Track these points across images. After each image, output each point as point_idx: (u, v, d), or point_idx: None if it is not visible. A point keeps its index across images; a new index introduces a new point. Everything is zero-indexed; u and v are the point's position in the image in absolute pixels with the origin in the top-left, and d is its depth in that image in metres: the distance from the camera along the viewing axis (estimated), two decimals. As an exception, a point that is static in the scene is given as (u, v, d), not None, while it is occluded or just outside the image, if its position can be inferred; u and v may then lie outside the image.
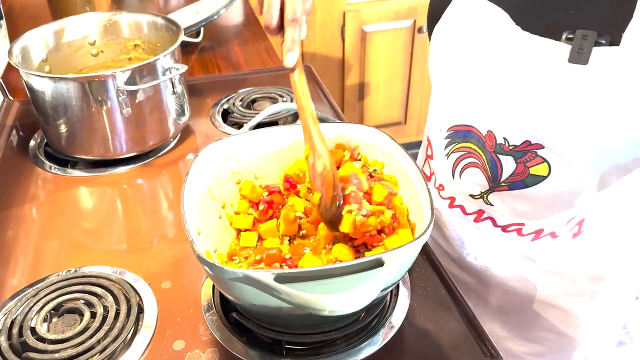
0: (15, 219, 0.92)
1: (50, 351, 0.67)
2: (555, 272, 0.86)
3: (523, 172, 0.76)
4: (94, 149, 1.01)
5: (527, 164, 0.75)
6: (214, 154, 0.76)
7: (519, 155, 0.75)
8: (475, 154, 0.79)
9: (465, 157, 0.81)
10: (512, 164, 0.76)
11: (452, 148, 0.83)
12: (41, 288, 0.75)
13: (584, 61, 0.66)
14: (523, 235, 0.82)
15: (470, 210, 0.85)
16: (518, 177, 0.76)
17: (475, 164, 0.80)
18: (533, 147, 0.73)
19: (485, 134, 0.77)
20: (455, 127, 0.81)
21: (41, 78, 0.94)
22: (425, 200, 0.66)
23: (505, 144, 0.75)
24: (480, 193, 0.82)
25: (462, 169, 0.82)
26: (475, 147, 0.79)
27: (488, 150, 0.77)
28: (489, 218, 0.84)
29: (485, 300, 0.94)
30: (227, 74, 1.37)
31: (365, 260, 0.57)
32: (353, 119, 2.51)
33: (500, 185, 0.79)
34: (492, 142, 0.76)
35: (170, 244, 0.86)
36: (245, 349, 0.68)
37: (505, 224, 0.83)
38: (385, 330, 0.70)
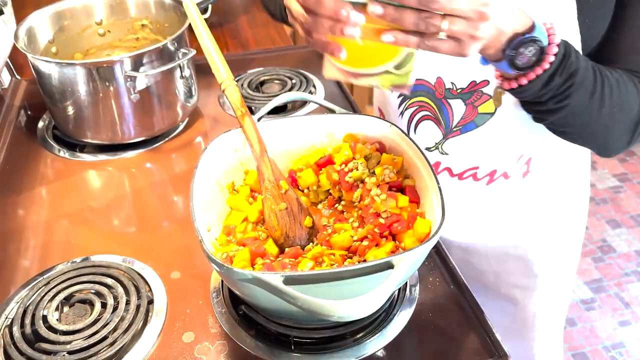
0: (25, 202, 0.92)
1: (61, 342, 0.68)
2: (509, 219, 0.91)
3: (472, 112, 0.79)
4: (102, 133, 1.00)
5: (474, 103, 0.79)
6: (223, 145, 0.75)
7: (466, 97, 0.79)
8: (427, 106, 0.83)
9: (418, 112, 0.85)
10: (461, 106, 0.80)
11: (405, 104, 0.86)
12: (52, 277, 0.76)
13: None
14: (478, 179, 0.86)
15: None
16: (468, 119, 0.80)
17: (427, 117, 0.84)
18: (479, 85, 0.77)
19: (435, 82, 0.80)
20: None
21: (48, 63, 0.93)
22: (436, 198, 0.66)
23: (453, 87, 0.79)
24: (435, 144, 0.85)
25: (417, 123, 0.86)
26: (425, 99, 0.83)
27: (438, 97, 0.81)
28: (446, 169, 0.87)
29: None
30: (236, 54, 1.35)
31: (375, 263, 0.56)
32: (362, 95, 2.48)
33: (453, 131, 0.83)
34: (441, 88, 0.80)
35: (180, 229, 0.87)
36: (254, 342, 0.69)
37: (460, 172, 0.86)
38: (393, 325, 0.70)
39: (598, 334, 1.85)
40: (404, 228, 0.67)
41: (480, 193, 0.87)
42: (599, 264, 2.08)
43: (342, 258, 0.67)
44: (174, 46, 0.98)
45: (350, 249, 0.68)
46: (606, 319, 1.89)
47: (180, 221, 0.89)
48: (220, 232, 0.73)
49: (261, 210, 0.73)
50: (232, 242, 0.71)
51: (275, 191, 0.72)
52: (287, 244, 0.71)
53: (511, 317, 1.01)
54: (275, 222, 0.71)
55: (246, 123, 0.74)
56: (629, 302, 1.95)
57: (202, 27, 0.77)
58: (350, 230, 0.70)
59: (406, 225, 0.68)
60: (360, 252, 0.67)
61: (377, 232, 0.68)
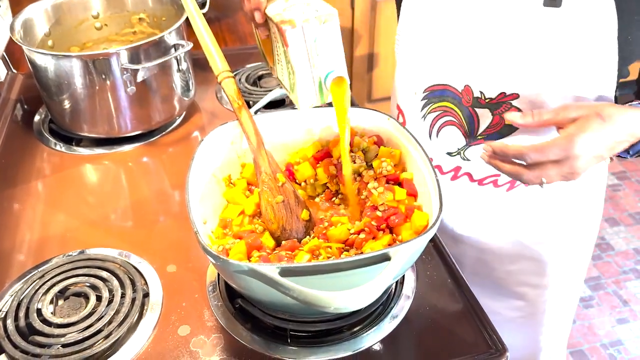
0: (21, 196, 0.92)
1: (56, 335, 0.67)
2: (526, 223, 0.90)
3: (499, 123, 0.79)
4: (98, 126, 1.00)
5: (502, 115, 0.78)
6: (220, 138, 0.75)
7: (494, 107, 0.78)
8: (451, 112, 0.82)
9: (441, 116, 0.84)
10: (488, 116, 0.79)
11: (428, 109, 0.85)
12: (47, 270, 0.75)
13: (557, 4, 0.68)
14: (499, 186, 0.85)
15: (447, 168, 0.88)
16: (494, 129, 0.80)
17: (451, 122, 0.83)
18: (508, 97, 0.76)
19: (462, 90, 0.79)
20: (431, 87, 0.84)
21: (44, 55, 0.92)
22: (434, 190, 0.65)
23: (482, 97, 0.78)
24: (457, 149, 0.85)
25: (440, 128, 0.85)
26: (451, 105, 0.82)
27: (465, 105, 0.80)
28: (466, 174, 0.86)
29: (460, 263, 0.97)
30: (234, 48, 1.35)
31: (372, 255, 0.56)
32: (361, 91, 2.47)
33: (477, 139, 0.82)
34: (469, 96, 0.79)
35: (176, 223, 0.86)
36: (250, 335, 0.68)
37: (481, 177, 0.86)
38: (390, 319, 0.70)
39: (596, 331, 1.84)
40: (402, 221, 0.67)
41: (500, 198, 0.87)
42: (597, 261, 2.08)
43: (339, 251, 0.67)
44: (171, 39, 0.97)
45: (347, 241, 0.68)
46: (604, 317, 1.89)
47: (176, 215, 0.88)
48: (217, 225, 0.72)
49: (258, 203, 0.73)
50: (228, 235, 0.70)
51: (272, 184, 0.71)
52: (284, 236, 0.70)
53: (520, 313, 1.01)
54: (272, 215, 0.70)
55: (243, 115, 0.73)
56: (627, 299, 1.95)
57: (199, 18, 0.76)
58: (347, 223, 0.69)
59: (403, 218, 0.67)
60: (357, 245, 0.66)
61: (374, 225, 0.68)
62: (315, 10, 0.62)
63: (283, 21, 0.61)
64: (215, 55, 0.75)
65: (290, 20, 0.61)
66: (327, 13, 0.62)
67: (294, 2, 0.64)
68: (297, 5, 0.63)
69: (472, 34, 0.76)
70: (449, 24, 0.78)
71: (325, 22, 0.62)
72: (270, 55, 0.72)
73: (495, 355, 0.66)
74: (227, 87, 0.74)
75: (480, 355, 0.66)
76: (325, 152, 0.77)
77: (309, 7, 0.62)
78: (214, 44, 0.75)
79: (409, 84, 0.88)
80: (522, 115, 0.67)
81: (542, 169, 0.64)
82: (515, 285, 0.98)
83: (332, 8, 0.63)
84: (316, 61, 0.64)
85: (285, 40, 0.61)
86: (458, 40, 0.78)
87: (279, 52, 0.67)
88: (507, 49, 0.74)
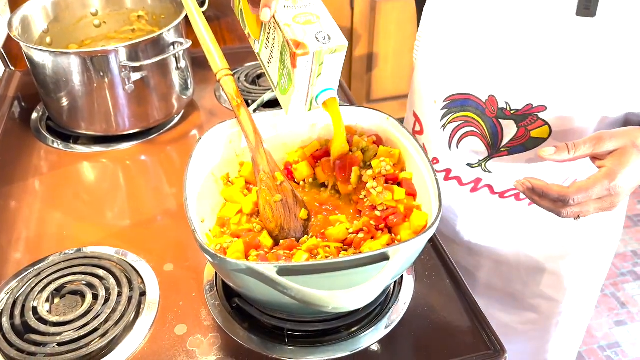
0: (18, 194, 0.91)
1: (51, 333, 0.66)
2: (547, 237, 0.88)
3: (524, 135, 0.76)
4: (96, 124, 0.99)
5: (528, 127, 0.75)
6: (218, 136, 0.74)
7: (520, 119, 0.75)
8: (474, 122, 0.79)
9: (462, 127, 0.81)
10: (513, 128, 0.76)
11: (448, 119, 0.82)
12: (43, 268, 0.75)
13: (591, 14, 0.65)
14: (520, 200, 0.83)
15: (467, 180, 0.85)
16: (518, 142, 0.77)
17: (473, 133, 0.80)
18: (535, 109, 0.74)
19: (486, 100, 0.77)
20: (452, 96, 0.81)
21: (42, 52, 0.92)
22: (433, 190, 0.65)
23: (507, 108, 0.75)
24: (479, 161, 0.82)
25: (460, 139, 0.82)
26: (473, 115, 0.79)
27: (488, 116, 0.77)
28: (487, 186, 0.84)
29: (474, 275, 0.97)
30: (233, 47, 1.34)
31: (370, 254, 0.55)
32: (360, 92, 2.47)
33: (500, 151, 0.79)
34: (493, 107, 0.76)
35: (174, 222, 0.86)
36: (247, 335, 0.68)
37: (502, 190, 0.83)
38: (388, 319, 0.69)
39: (594, 333, 1.84)
40: (400, 221, 0.67)
41: (521, 212, 0.85)
42: (595, 263, 2.07)
43: (337, 250, 0.66)
44: (170, 37, 0.97)
45: (345, 241, 0.67)
46: (602, 319, 1.89)
47: (174, 214, 0.88)
48: (214, 223, 0.72)
49: (256, 202, 0.72)
50: (226, 234, 0.70)
51: (270, 183, 0.71)
52: (282, 236, 0.70)
53: (533, 326, 1.00)
54: (270, 214, 0.70)
55: (242, 114, 0.73)
56: (625, 302, 1.95)
57: (198, 16, 0.76)
58: (345, 222, 0.69)
59: (402, 218, 0.67)
60: (355, 244, 0.66)
61: (372, 225, 0.67)
62: (328, 37, 0.62)
63: (296, 43, 0.61)
64: (215, 53, 0.74)
65: (304, 45, 0.61)
66: (339, 45, 0.62)
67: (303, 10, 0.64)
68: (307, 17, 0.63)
69: (499, 41, 0.73)
70: (475, 31, 0.75)
71: (335, 52, 0.62)
72: (254, 28, 0.71)
73: (494, 356, 0.66)
74: (226, 85, 0.73)
75: (478, 356, 0.66)
76: (324, 151, 0.77)
77: (322, 30, 0.62)
78: (213, 42, 0.75)
79: (428, 92, 0.84)
80: (558, 151, 0.64)
81: (582, 206, 0.62)
82: (531, 298, 0.96)
83: (344, 38, 0.63)
84: (315, 81, 0.65)
85: (294, 63, 0.62)
86: (484, 48, 0.75)
87: (273, 47, 0.66)
88: (537, 59, 0.71)
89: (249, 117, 0.73)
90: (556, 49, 0.69)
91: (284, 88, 0.66)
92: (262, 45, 0.69)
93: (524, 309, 0.97)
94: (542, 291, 0.94)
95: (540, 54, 0.71)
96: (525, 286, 0.94)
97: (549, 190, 0.63)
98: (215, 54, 0.74)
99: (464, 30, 0.76)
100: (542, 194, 0.63)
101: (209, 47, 0.75)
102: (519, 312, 0.98)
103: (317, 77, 0.64)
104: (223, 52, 0.76)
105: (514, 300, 0.97)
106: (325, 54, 0.62)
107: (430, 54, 0.83)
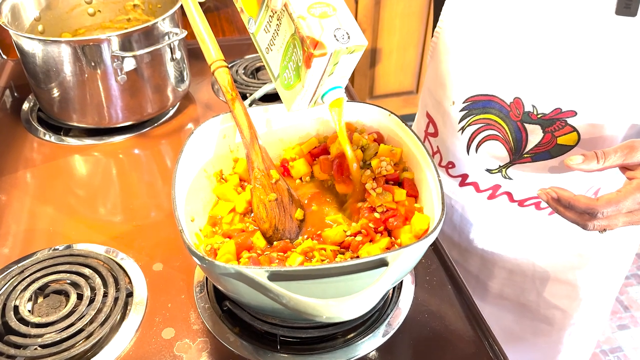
0: (6, 187, 0.88)
1: (33, 335, 0.63)
2: (566, 247, 0.84)
3: (550, 142, 0.72)
4: (87, 116, 0.96)
5: (555, 133, 0.71)
6: (211, 131, 0.71)
7: (547, 124, 0.70)
8: (496, 126, 0.74)
9: (483, 130, 0.76)
10: (539, 133, 0.72)
11: (468, 121, 0.77)
12: (27, 266, 0.72)
13: (632, 13, 0.61)
14: (541, 209, 0.79)
15: (484, 186, 0.81)
16: (543, 148, 0.72)
17: (494, 136, 0.75)
18: (564, 114, 0.69)
19: (511, 102, 0.72)
20: (474, 97, 0.75)
21: (31, 40, 0.88)
22: (436, 192, 0.61)
23: (534, 111, 0.70)
24: (499, 167, 0.77)
25: (479, 143, 0.77)
26: (495, 117, 0.74)
27: (513, 119, 0.72)
28: (505, 193, 0.80)
29: (485, 285, 0.92)
30: (231, 38, 1.31)
31: (368, 260, 0.52)
32: (363, 87, 2.43)
33: (523, 157, 0.75)
34: (518, 110, 0.71)
35: (166, 220, 0.82)
36: (237, 340, 0.64)
37: (522, 198, 0.79)
38: (387, 326, 0.66)
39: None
40: (400, 223, 0.63)
41: (540, 221, 0.81)
42: (598, 265, 2.04)
43: (333, 253, 0.63)
44: (165, 26, 0.93)
45: (342, 244, 0.64)
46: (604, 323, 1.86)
47: (167, 210, 0.84)
48: (206, 222, 0.69)
49: (249, 201, 0.69)
50: (217, 234, 0.67)
51: (265, 181, 0.67)
52: (276, 237, 0.67)
53: (545, 337, 0.96)
54: (264, 214, 0.67)
55: (236, 107, 0.69)
56: (628, 305, 1.92)
57: (193, 5, 0.72)
58: (343, 224, 0.66)
59: (402, 221, 0.64)
60: (353, 247, 0.63)
61: (371, 227, 0.64)
62: (347, 35, 0.57)
63: (314, 42, 0.55)
64: (209, 43, 0.71)
65: (322, 44, 0.55)
66: (358, 44, 0.57)
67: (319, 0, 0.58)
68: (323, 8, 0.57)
69: (528, 39, 0.68)
70: (502, 27, 0.70)
71: (354, 52, 0.57)
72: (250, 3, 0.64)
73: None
74: (220, 77, 0.70)
75: (480, 367, 0.62)
76: (322, 148, 0.74)
77: (340, 26, 0.57)
78: (207, 31, 0.71)
79: (446, 92, 0.78)
80: (586, 160, 0.60)
81: (611, 220, 0.59)
82: (545, 308, 0.92)
83: (363, 37, 0.58)
84: (326, 80, 0.60)
85: (308, 63, 0.56)
86: (512, 46, 0.69)
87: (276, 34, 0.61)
88: (569, 60, 0.66)
89: (243, 111, 0.69)
90: (591, 49, 0.64)
91: (288, 83, 0.61)
92: (260, 27, 0.63)
93: (537, 319, 0.94)
94: (556, 302, 0.90)
95: (573, 55, 0.65)
96: (539, 296, 0.90)
97: (576, 202, 0.59)
98: (209, 45, 0.71)
99: (489, 26, 0.71)
100: (569, 205, 0.60)
101: (203, 37, 0.71)
102: (530, 322, 0.94)
103: (328, 76, 0.59)
104: (221, 43, 0.73)
105: (526, 311, 0.93)
106: (342, 54, 0.57)
107: (449, 51, 0.77)
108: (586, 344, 1.02)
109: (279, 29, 0.60)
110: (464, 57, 0.74)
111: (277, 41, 0.61)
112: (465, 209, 0.85)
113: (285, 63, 0.60)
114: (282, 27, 0.59)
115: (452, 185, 0.84)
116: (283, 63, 0.61)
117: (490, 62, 0.71)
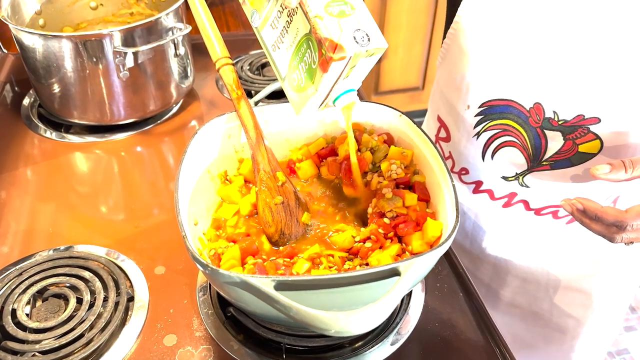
0: (5, 185, 0.86)
1: (30, 341, 0.61)
2: (582, 256, 0.82)
3: (571, 149, 0.69)
4: (89, 113, 0.93)
5: (576, 140, 0.68)
6: (215, 131, 0.69)
7: (568, 130, 0.67)
8: (513, 132, 0.71)
9: (500, 136, 0.73)
10: (559, 140, 0.69)
11: (484, 126, 0.74)
12: (25, 268, 0.70)
13: None
14: (558, 218, 0.77)
15: (500, 194, 0.78)
16: (564, 156, 0.69)
17: (512, 143, 0.72)
18: (587, 121, 0.66)
19: (530, 108, 0.68)
20: (490, 102, 0.72)
21: (31, 35, 0.86)
22: (450, 197, 0.59)
23: (555, 118, 0.67)
24: (516, 174, 0.75)
25: (496, 149, 0.74)
26: (513, 123, 0.71)
27: (532, 125, 0.69)
28: (522, 201, 0.77)
29: (496, 293, 0.90)
30: (236, 33, 1.28)
31: (379, 269, 0.50)
32: (368, 83, 2.41)
33: (542, 165, 0.72)
34: (539, 116, 0.68)
35: (168, 221, 0.80)
36: (241, 348, 0.62)
37: (539, 207, 0.76)
38: (396, 335, 0.64)
39: (603, 339, 1.79)
40: (411, 230, 0.61)
41: (557, 230, 0.78)
42: (606, 266, 2.02)
43: (341, 260, 0.61)
44: (168, 21, 0.91)
45: (351, 250, 0.62)
46: (611, 324, 1.84)
47: (169, 210, 0.82)
48: (209, 225, 0.66)
49: (254, 203, 0.67)
50: (221, 238, 0.65)
51: (270, 183, 0.65)
52: (282, 241, 0.64)
53: (558, 345, 0.94)
54: (269, 217, 0.64)
55: (242, 107, 0.67)
56: (635, 307, 1.89)
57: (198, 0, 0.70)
58: (352, 229, 0.63)
59: (414, 227, 0.61)
60: (362, 254, 0.61)
61: (381, 233, 0.62)
62: (367, 36, 0.53)
63: (333, 44, 0.51)
64: (214, 39, 0.69)
65: (341, 47, 0.51)
66: (378, 47, 0.54)
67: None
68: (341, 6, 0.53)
69: (550, 42, 0.64)
70: (522, 29, 0.66)
71: (373, 55, 0.54)
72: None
73: (510, 379, 0.60)
74: (225, 75, 0.68)
75: (493, 379, 0.60)
76: (330, 149, 0.71)
77: (360, 27, 0.53)
78: (212, 27, 0.69)
79: (460, 95, 0.75)
80: (613, 169, 0.57)
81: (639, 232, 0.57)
82: (558, 317, 0.90)
83: (383, 39, 0.54)
84: (339, 83, 0.56)
85: (325, 67, 0.53)
86: (532, 49, 0.66)
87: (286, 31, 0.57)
88: (593, 63, 0.63)
89: (249, 110, 0.67)
90: (618, 53, 0.61)
91: (299, 85, 0.58)
92: (265, 22, 0.59)
93: (549, 327, 0.91)
94: (570, 310, 0.88)
95: (598, 58, 0.62)
96: (552, 305, 0.88)
97: (604, 215, 0.57)
98: (214, 41, 0.68)
99: (509, 27, 0.67)
100: (595, 217, 0.57)
101: (208, 33, 0.69)
102: (542, 330, 0.92)
103: (343, 79, 0.56)
104: (226, 38, 0.70)
105: (538, 319, 0.91)
106: (361, 57, 0.53)
107: (465, 53, 0.73)
108: (598, 351, 1.00)
109: (290, 26, 0.56)
110: (481, 60, 0.71)
111: (286, 39, 0.58)
112: (478, 216, 0.82)
113: (295, 63, 0.57)
114: (294, 24, 0.56)
115: (465, 191, 0.81)
116: (293, 63, 0.58)
117: (510, 65, 0.68)
